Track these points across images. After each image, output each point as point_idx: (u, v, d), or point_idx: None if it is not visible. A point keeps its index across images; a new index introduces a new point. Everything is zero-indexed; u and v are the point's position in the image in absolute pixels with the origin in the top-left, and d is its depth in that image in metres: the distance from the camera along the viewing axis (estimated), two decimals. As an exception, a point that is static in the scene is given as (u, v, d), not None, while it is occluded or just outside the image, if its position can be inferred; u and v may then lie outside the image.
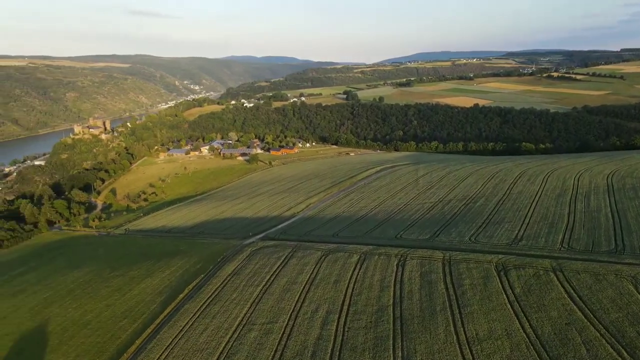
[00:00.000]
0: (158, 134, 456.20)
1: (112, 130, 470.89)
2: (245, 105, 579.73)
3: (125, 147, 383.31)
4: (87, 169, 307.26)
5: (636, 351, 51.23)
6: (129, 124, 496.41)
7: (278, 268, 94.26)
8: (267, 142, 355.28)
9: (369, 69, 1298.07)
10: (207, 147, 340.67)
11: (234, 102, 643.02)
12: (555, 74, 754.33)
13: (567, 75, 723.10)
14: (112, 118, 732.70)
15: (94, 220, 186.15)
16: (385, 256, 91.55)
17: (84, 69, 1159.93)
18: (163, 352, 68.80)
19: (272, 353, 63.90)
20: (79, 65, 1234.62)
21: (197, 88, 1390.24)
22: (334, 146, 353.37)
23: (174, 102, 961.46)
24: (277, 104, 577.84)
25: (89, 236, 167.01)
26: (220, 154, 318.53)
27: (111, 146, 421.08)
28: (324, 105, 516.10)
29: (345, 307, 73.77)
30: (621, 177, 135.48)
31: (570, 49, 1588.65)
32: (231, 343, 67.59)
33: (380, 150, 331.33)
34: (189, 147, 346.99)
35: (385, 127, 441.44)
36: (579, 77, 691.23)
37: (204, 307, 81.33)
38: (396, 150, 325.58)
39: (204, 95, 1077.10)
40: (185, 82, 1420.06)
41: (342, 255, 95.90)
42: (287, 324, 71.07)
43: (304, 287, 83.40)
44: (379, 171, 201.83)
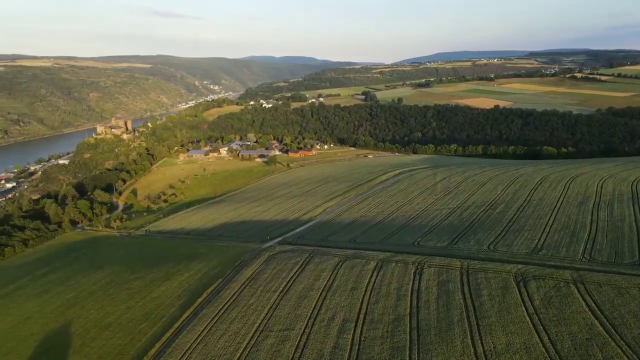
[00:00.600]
0: (178, 134, 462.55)
1: (134, 130, 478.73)
2: (263, 105, 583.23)
3: (146, 147, 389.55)
4: (109, 170, 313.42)
5: (659, 370, 50.28)
6: (149, 124, 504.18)
7: (295, 274, 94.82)
8: (285, 144, 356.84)
9: (387, 69, 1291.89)
10: (226, 149, 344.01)
11: (252, 102, 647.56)
12: (579, 74, 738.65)
13: (591, 76, 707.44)
14: (134, 118, 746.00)
15: (115, 220, 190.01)
16: (403, 264, 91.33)
17: (106, 69, 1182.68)
18: (181, 357, 69.84)
19: (288, 361, 64.53)
20: (102, 65, 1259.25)
21: (216, 88, 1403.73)
22: (352, 148, 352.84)
23: (193, 102, 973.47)
24: (295, 104, 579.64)
25: (110, 237, 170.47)
26: (238, 155, 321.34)
27: (132, 146, 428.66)
28: (342, 106, 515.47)
29: (362, 316, 73.87)
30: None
31: (595, 49, 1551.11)
32: (248, 350, 68.28)
33: (398, 152, 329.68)
34: (208, 148, 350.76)
35: (403, 128, 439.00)
36: (603, 77, 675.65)
37: (222, 312, 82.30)
38: (414, 152, 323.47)
39: (223, 96, 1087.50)
40: (205, 82, 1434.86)
41: (359, 261, 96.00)
42: (303, 332, 71.49)
43: (320, 294, 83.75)
44: (397, 175, 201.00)
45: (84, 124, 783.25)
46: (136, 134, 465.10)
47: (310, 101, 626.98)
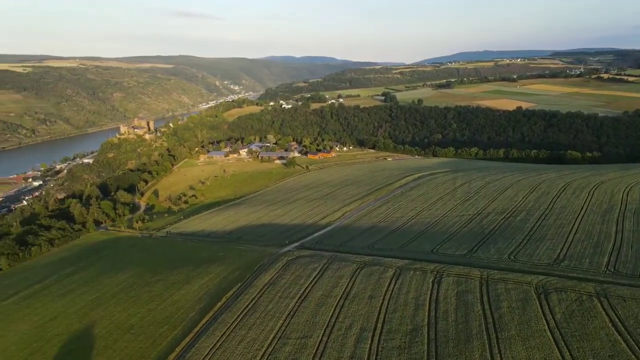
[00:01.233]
0: (199, 134, 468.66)
1: (155, 131, 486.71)
2: (283, 106, 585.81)
3: (168, 148, 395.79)
4: (131, 170, 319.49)
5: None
6: (171, 124, 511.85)
7: (313, 280, 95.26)
8: (305, 146, 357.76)
9: (408, 69, 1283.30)
10: (246, 150, 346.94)
11: (272, 103, 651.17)
12: (605, 75, 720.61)
13: (618, 76, 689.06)
14: (155, 118, 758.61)
15: (137, 221, 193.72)
16: (421, 272, 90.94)
17: (130, 69, 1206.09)
18: (201, 362, 71.11)
19: (306, 370, 65.09)
20: (125, 65, 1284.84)
21: (236, 88, 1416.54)
22: (372, 150, 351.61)
23: (214, 102, 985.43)
24: (315, 105, 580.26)
25: (132, 237, 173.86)
26: (258, 157, 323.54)
27: (154, 146, 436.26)
28: (361, 107, 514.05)
29: (379, 325, 73.84)
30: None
31: (622, 48, 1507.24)
32: (266, 357, 68.96)
33: (418, 155, 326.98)
34: (228, 150, 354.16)
35: (423, 130, 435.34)
36: (631, 78, 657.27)
37: (240, 317, 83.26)
38: (434, 155, 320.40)
39: (243, 96, 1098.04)
40: (226, 82, 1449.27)
41: (377, 269, 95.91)
42: (321, 340, 71.85)
43: (338, 301, 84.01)
44: (416, 179, 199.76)
45: (107, 123, 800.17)
46: (158, 134, 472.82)
47: (329, 102, 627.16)
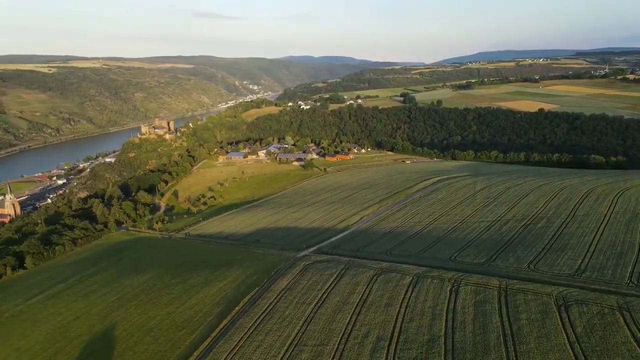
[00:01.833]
0: (218, 134, 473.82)
1: (175, 131, 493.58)
2: (302, 107, 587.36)
3: (187, 149, 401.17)
4: (152, 171, 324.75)
5: None
6: (190, 124, 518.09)
7: (330, 286, 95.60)
8: (323, 147, 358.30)
9: (427, 69, 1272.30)
10: (264, 151, 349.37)
11: (290, 103, 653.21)
12: (632, 75, 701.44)
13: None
14: (175, 117, 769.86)
15: (157, 222, 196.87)
16: (439, 280, 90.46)
17: (151, 69, 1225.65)
18: (219, 367, 72.12)
19: (322, 378, 65.47)
20: (147, 66, 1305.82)
21: (255, 88, 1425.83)
22: (390, 152, 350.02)
23: (233, 102, 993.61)
24: (333, 106, 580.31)
25: (152, 238, 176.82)
26: (276, 158, 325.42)
27: (174, 146, 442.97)
28: (380, 108, 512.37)
29: (396, 334, 73.81)
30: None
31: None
32: (283, 364, 69.64)
33: (436, 158, 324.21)
34: (247, 151, 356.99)
35: (442, 131, 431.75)
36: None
37: (257, 322, 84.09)
38: (453, 158, 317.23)
39: (262, 95, 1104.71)
40: (245, 82, 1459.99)
41: (394, 275, 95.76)
42: (337, 348, 72.18)
43: (355, 309, 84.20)
44: (435, 183, 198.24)
45: (129, 123, 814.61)
46: (178, 134, 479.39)
47: (348, 103, 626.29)
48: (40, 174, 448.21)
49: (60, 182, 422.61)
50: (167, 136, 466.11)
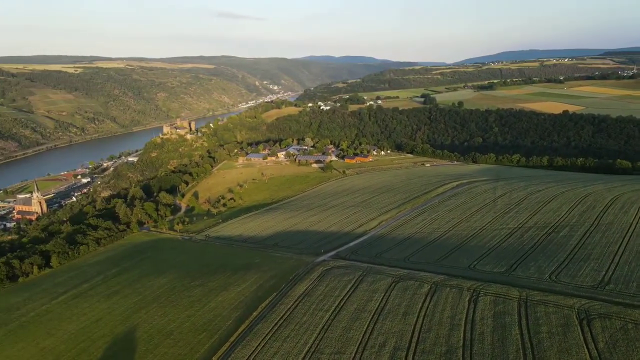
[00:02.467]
0: (238, 135, 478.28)
1: (196, 131, 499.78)
2: (321, 108, 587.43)
3: (208, 150, 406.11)
4: (173, 171, 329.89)
5: None
6: (211, 124, 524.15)
7: (348, 292, 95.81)
8: (342, 149, 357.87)
9: (448, 70, 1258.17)
10: (284, 153, 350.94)
11: (310, 104, 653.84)
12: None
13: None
14: (197, 117, 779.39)
15: (178, 223, 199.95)
16: (457, 289, 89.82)
17: (173, 70, 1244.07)
18: (237, 373, 73.07)
19: (338, 388, 65.73)
20: (169, 66, 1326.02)
21: (275, 88, 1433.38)
22: (410, 155, 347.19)
23: (253, 102, 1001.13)
24: (353, 107, 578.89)
25: (173, 239, 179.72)
26: (295, 160, 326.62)
27: (195, 146, 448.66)
28: (400, 109, 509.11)
29: (413, 344, 73.62)
30: None
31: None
32: (300, 372, 70.15)
33: (457, 161, 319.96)
34: (266, 152, 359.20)
35: (463, 133, 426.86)
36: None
37: (275, 328, 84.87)
38: (474, 162, 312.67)
39: (282, 95, 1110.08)
40: (265, 82, 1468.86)
41: (412, 283, 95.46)
42: (354, 357, 72.38)
43: (372, 317, 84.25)
44: (455, 187, 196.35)
45: (151, 122, 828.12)
46: (199, 134, 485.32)
47: (368, 103, 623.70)
48: (65, 172, 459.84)
49: (84, 180, 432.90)
50: (188, 136, 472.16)
